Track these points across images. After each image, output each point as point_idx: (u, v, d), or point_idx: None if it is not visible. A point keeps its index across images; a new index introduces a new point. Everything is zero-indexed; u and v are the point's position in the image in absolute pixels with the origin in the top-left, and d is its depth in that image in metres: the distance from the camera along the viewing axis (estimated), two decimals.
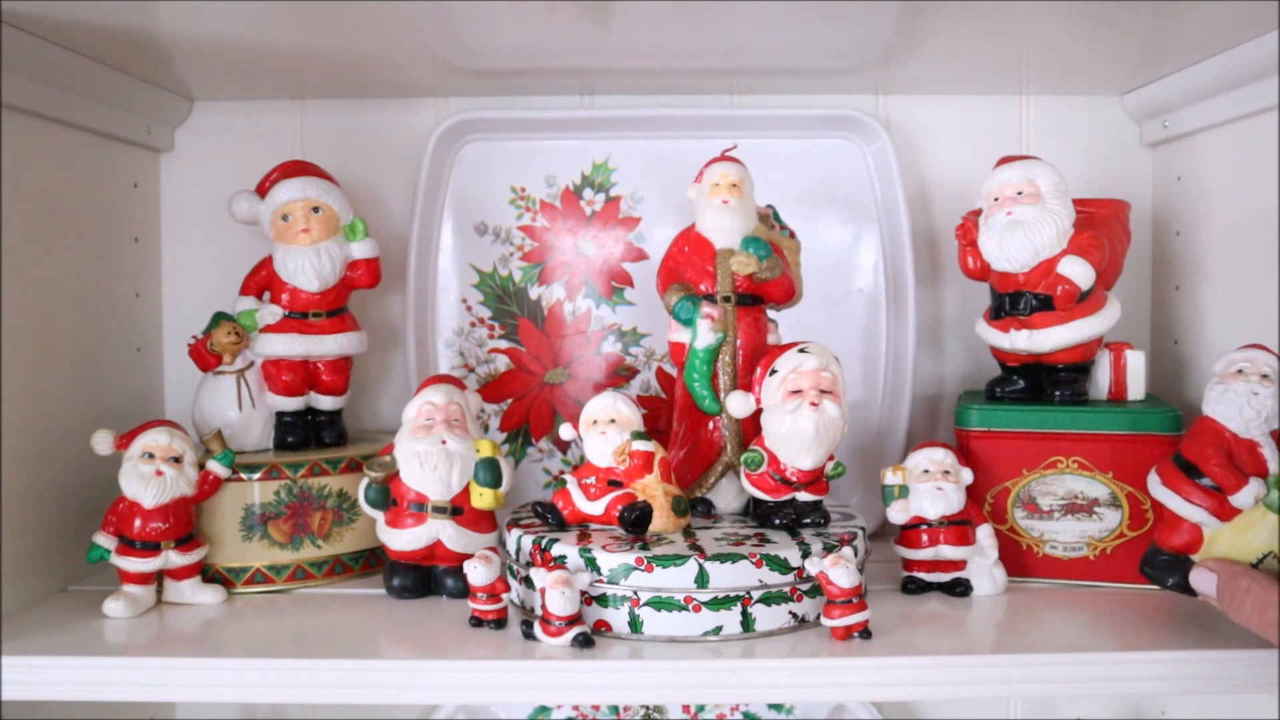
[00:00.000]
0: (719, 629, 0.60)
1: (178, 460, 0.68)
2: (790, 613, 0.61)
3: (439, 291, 0.89)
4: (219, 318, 0.76)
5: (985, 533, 0.69)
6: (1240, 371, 0.60)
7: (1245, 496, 0.58)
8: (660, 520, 0.65)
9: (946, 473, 0.68)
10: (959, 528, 0.68)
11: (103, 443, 0.67)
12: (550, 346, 0.89)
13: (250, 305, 0.77)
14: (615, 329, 0.89)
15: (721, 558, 0.60)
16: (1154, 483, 0.61)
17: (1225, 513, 0.59)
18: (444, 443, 0.67)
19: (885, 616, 0.63)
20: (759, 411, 0.68)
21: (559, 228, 0.89)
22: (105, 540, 0.67)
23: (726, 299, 0.72)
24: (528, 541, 0.64)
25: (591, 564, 0.61)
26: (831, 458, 0.68)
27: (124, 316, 0.84)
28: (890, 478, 0.69)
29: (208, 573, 0.71)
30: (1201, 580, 0.57)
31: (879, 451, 0.87)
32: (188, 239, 0.90)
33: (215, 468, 0.69)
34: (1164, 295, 0.88)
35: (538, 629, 0.59)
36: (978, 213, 0.75)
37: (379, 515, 0.69)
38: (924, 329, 0.89)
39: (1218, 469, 0.59)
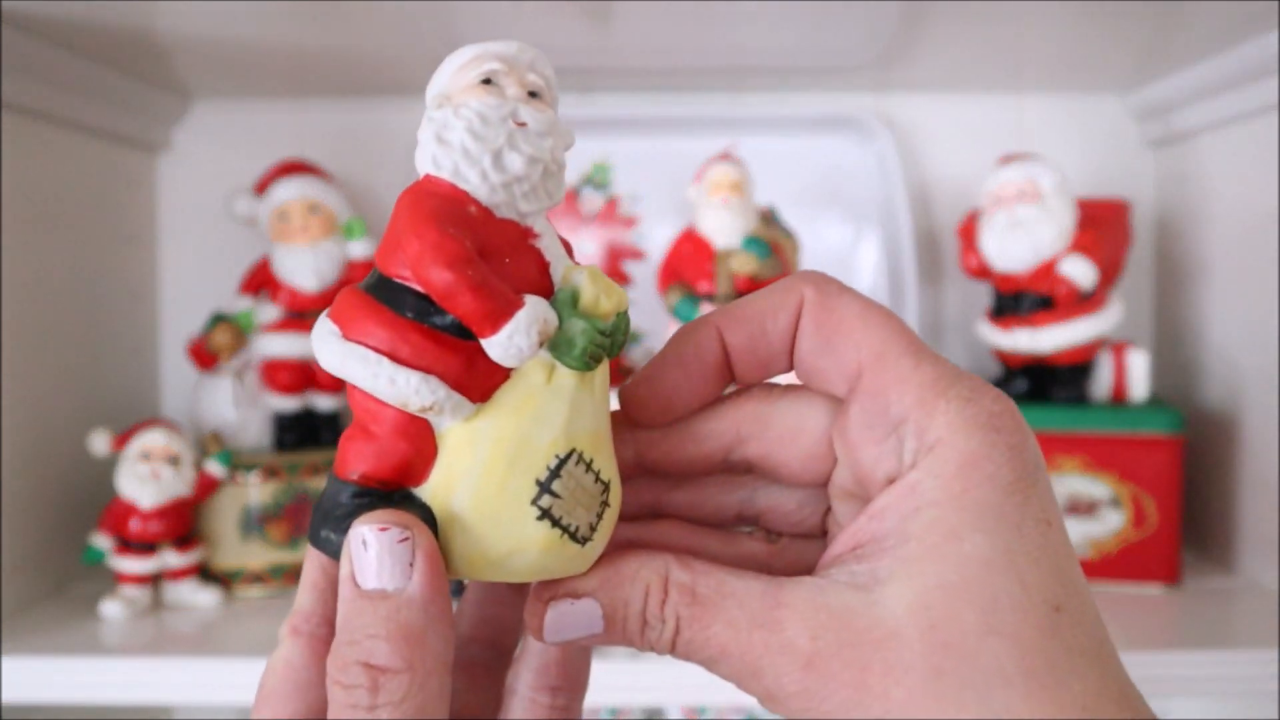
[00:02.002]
0: None
1: (175, 461, 0.67)
2: None
3: None
4: (217, 317, 0.76)
5: None
6: (488, 83, 0.27)
7: (516, 337, 0.25)
8: None
9: None
10: None
11: (100, 443, 0.67)
12: None
13: (248, 305, 0.77)
14: None
15: None
16: (322, 336, 0.27)
17: (478, 382, 0.26)
18: None
19: None
20: None
21: (559, 227, 0.89)
22: (102, 541, 0.67)
23: (727, 299, 0.72)
24: None
25: None
26: None
27: (121, 316, 0.83)
28: None
29: (205, 574, 0.70)
30: (568, 620, 0.27)
31: None
32: (185, 238, 0.89)
33: (213, 468, 0.69)
34: (1166, 295, 0.88)
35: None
36: (979, 212, 0.75)
37: None
38: (925, 329, 0.88)
39: (451, 276, 0.25)
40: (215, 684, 0.58)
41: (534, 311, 0.25)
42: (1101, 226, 0.73)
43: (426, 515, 0.26)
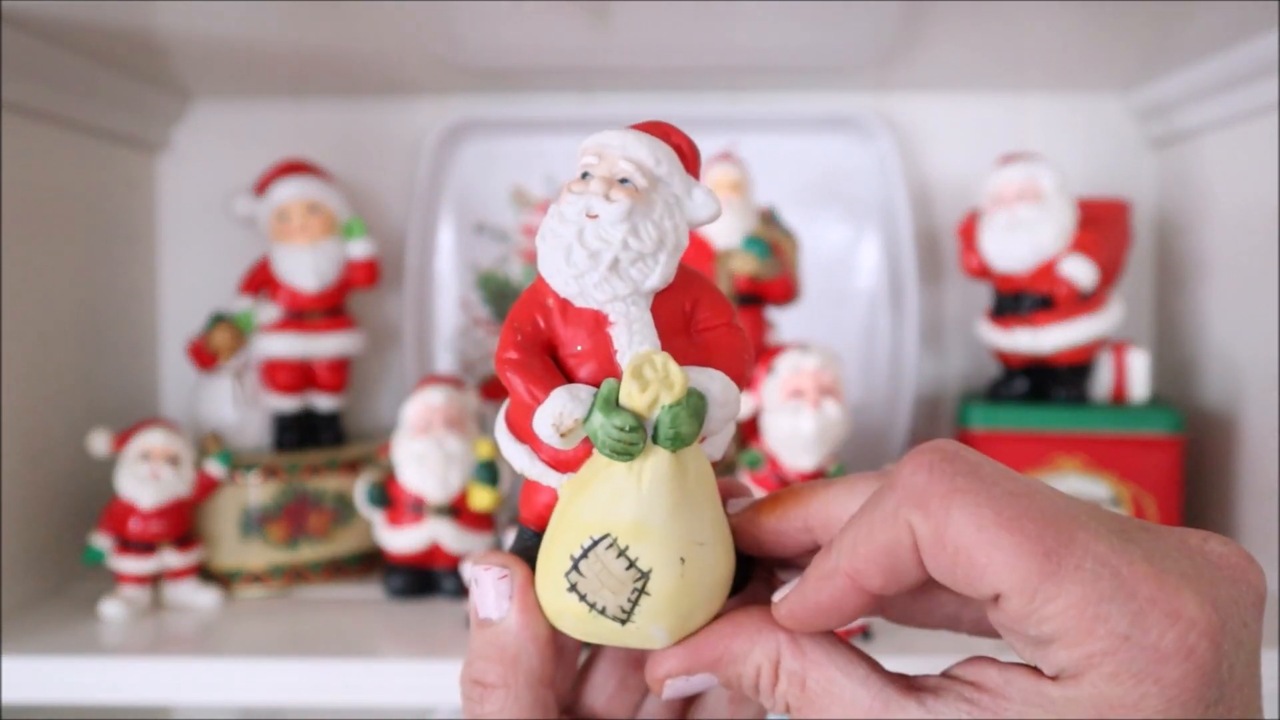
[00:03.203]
0: None
1: (175, 461, 0.67)
2: None
3: (438, 291, 0.89)
4: (217, 317, 0.76)
5: None
6: (584, 177, 0.31)
7: (540, 422, 0.28)
8: None
9: None
10: None
11: (99, 443, 0.67)
12: None
13: (248, 305, 0.77)
14: None
15: None
16: (499, 416, 0.32)
17: (570, 460, 0.30)
18: (442, 443, 0.67)
19: None
20: (759, 412, 0.68)
21: None
22: (102, 541, 0.67)
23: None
24: None
25: None
26: (833, 458, 0.67)
27: (121, 316, 0.83)
28: None
29: (205, 574, 0.70)
30: (680, 683, 0.30)
31: (879, 452, 0.87)
32: (185, 238, 0.89)
33: (213, 468, 0.69)
34: (1166, 295, 0.88)
35: None
36: (979, 212, 0.75)
37: (377, 516, 0.69)
38: (925, 329, 0.88)
39: (501, 364, 0.29)
40: (215, 684, 0.58)
41: (553, 406, 0.27)
42: (1102, 226, 0.73)
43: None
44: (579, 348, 0.28)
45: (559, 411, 0.27)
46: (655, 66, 0.80)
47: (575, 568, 0.28)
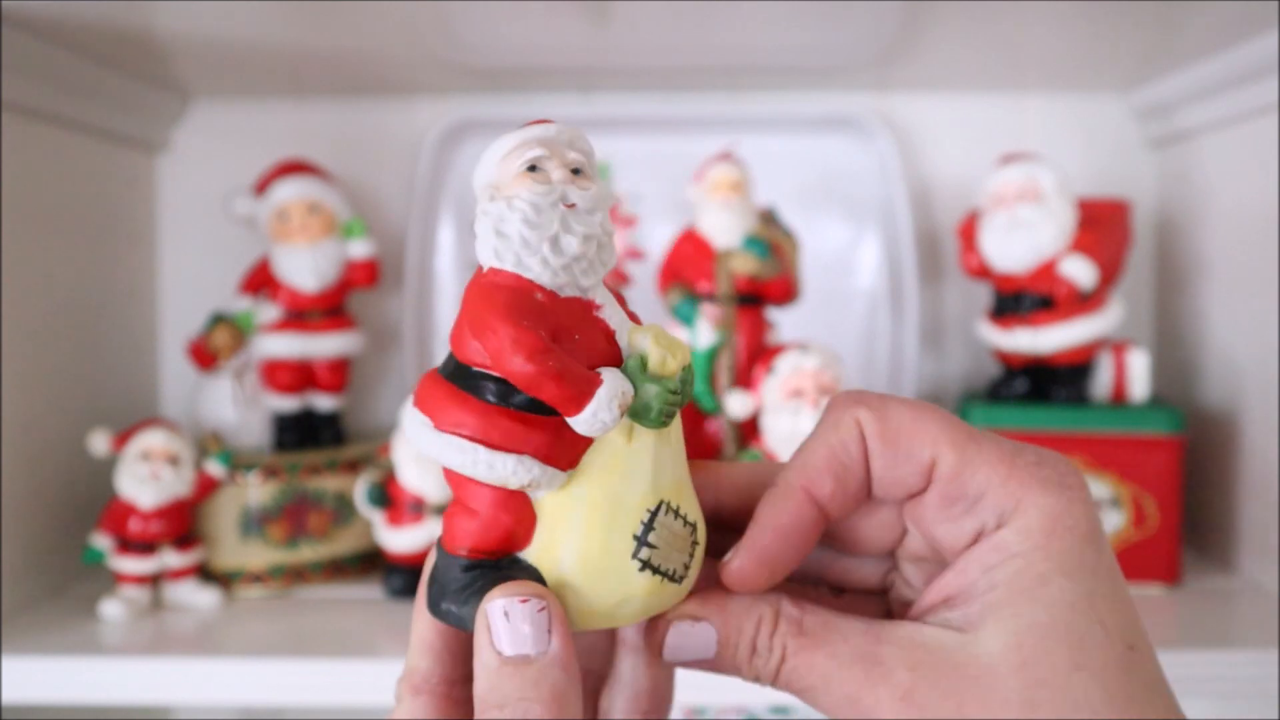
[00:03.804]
0: None
1: (175, 461, 0.67)
2: None
3: (438, 291, 0.89)
4: (217, 317, 0.76)
5: None
6: (534, 170, 0.28)
7: (601, 409, 0.27)
8: None
9: None
10: None
11: (99, 443, 0.67)
12: None
13: (248, 305, 0.76)
14: None
15: None
16: (416, 426, 0.29)
17: (565, 453, 0.28)
18: None
19: None
20: (759, 412, 0.68)
21: None
22: (102, 541, 0.67)
23: (727, 299, 0.72)
24: None
25: None
26: None
27: (121, 316, 0.83)
28: None
29: (205, 574, 0.70)
30: (685, 641, 0.30)
31: None
32: (185, 238, 0.89)
33: (213, 468, 0.69)
34: (1166, 295, 0.88)
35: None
36: (979, 212, 0.75)
37: (377, 516, 0.69)
38: (925, 329, 0.88)
39: (534, 367, 0.27)
40: (215, 684, 0.58)
41: (612, 387, 0.27)
42: (1102, 226, 0.73)
43: (535, 577, 0.28)
44: (577, 336, 0.28)
45: (621, 391, 0.27)
46: (655, 66, 0.80)
47: (645, 542, 0.28)
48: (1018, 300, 0.72)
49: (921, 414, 0.30)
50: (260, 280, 0.77)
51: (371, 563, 0.75)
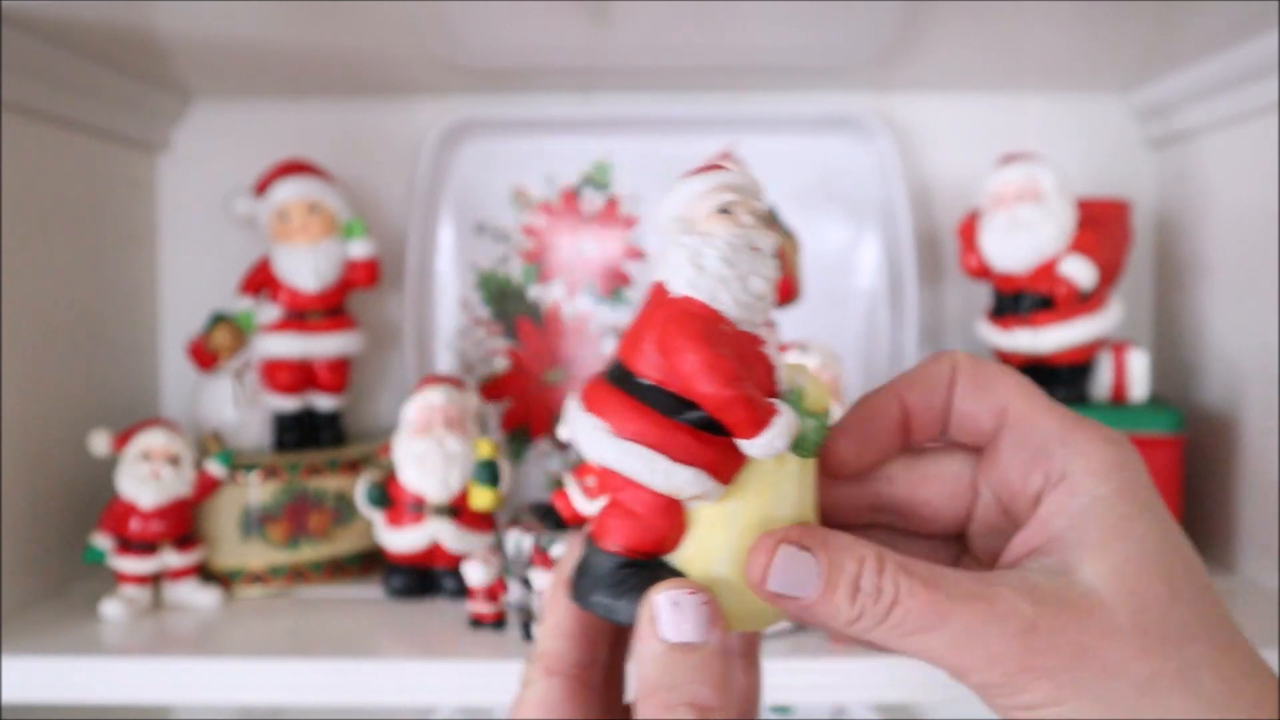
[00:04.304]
0: None
1: (175, 461, 0.67)
2: None
3: (438, 291, 0.89)
4: (217, 317, 0.76)
5: None
6: (725, 211, 0.31)
7: (777, 435, 0.30)
8: None
9: None
10: None
11: (100, 443, 0.67)
12: (550, 346, 0.89)
13: (248, 305, 0.77)
14: (615, 329, 0.89)
15: None
16: (590, 430, 0.31)
17: (728, 468, 0.30)
18: (442, 443, 0.67)
19: None
20: None
21: (559, 227, 0.89)
22: (102, 541, 0.67)
23: None
24: (527, 542, 0.64)
25: None
26: None
27: (121, 316, 0.83)
28: None
29: (205, 574, 0.70)
30: (792, 572, 0.29)
31: None
32: (185, 238, 0.89)
33: (213, 468, 0.69)
34: (1166, 295, 0.88)
35: (537, 629, 0.59)
36: (979, 212, 0.75)
37: (377, 516, 0.69)
38: (925, 329, 0.88)
39: (731, 392, 0.29)
40: (215, 684, 0.58)
41: (789, 418, 0.30)
42: (1102, 226, 0.73)
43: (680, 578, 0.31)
44: (750, 368, 0.30)
45: (794, 423, 0.30)
46: (655, 66, 0.80)
47: None
48: (1017, 300, 0.72)
49: (1003, 369, 0.33)
50: (260, 280, 0.77)
51: (372, 563, 0.75)
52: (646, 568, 0.30)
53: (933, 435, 0.34)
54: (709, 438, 0.30)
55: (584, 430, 0.31)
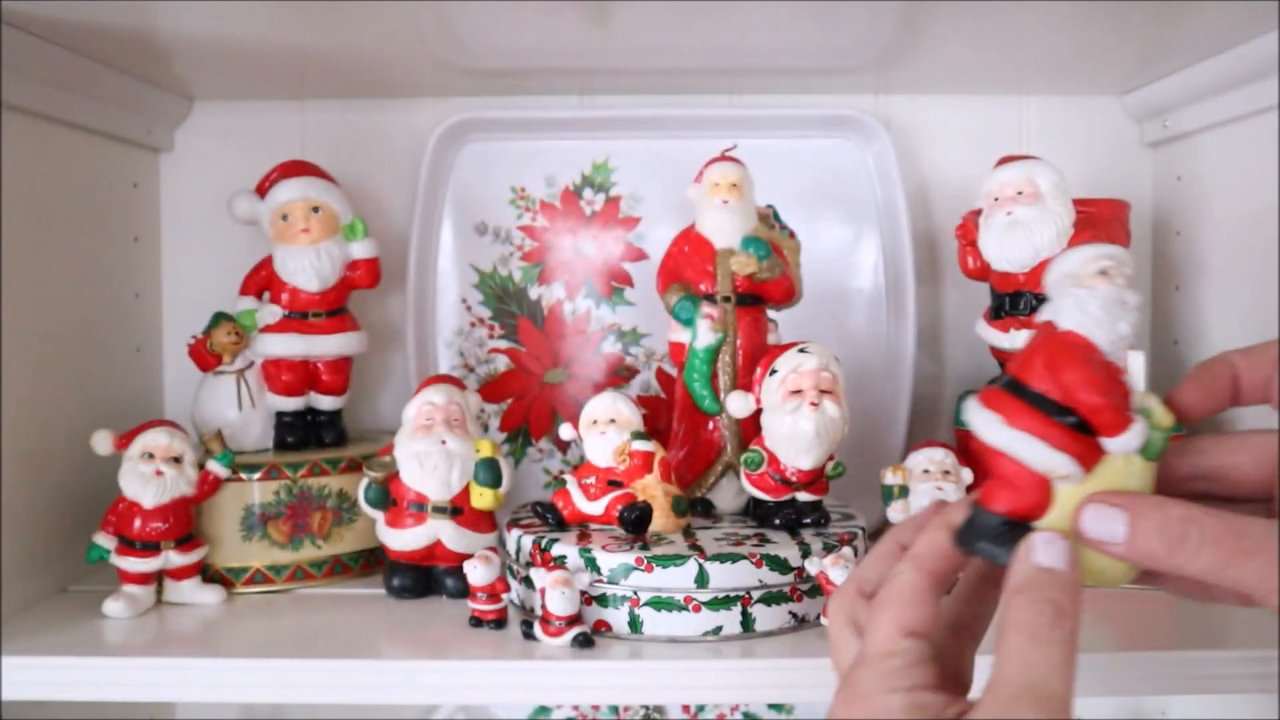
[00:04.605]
0: (719, 629, 0.60)
1: (178, 460, 0.68)
2: (790, 613, 0.61)
3: (439, 291, 0.89)
4: (219, 318, 0.76)
5: None
6: (1104, 273, 0.43)
7: (1132, 438, 0.41)
8: (660, 520, 0.65)
9: (947, 473, 0.68)
10: None
11: (102, 443, 0.67)
12: (550, 346, 0.89)
13: (250, 305, 0.77)
14: (615, 329, 0.89)
15: (721, 558, 0.60)
16: (991, 424, 0.42)
17: (1091, 461, 0.41)
18: (444, 443, 0.67)
19: None
20: (759, 411, 0.68)
21: (559, 228, 0.89)
22: (105, 540, 0.67)
23: (726, 299, 0.72)
24: (528, 541, 0.64)
25: (591, 564, 0.61)
26: (832, 458, 0.68)
27: (124, 316, 0.84)
28: (890, 478, 0.69)
29: (207, 573, 0.71)
30: (1099, 522, 0.39)
31: (879, 451, 0.87)
32: (188, 239, 0.90)
33: (215, 468, 0.69)
34: (1164, 295, 0.88)
35: (538, 629, 0.59)
36: (978, 212, 0.75)
37: (379, 515, 0.69)
38: (924, 329, 0.89)
39: (1102, 400, 0.40)
40: (217, 683, 0.58)
41: (1144, 426, 0.40)
42: (1100, 226, 0.73)
43: None
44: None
45: (1145, 430, 0.40)
46: (655, 68, 0.81)
47: None
48: (1016, 300, 0.72)
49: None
50: (262, 281, 0.77)
51: (373, 562, 0.75)
52: (1020, 527, 0.41)
53: (1256, 399, 0.41)
54: (1079, 435, 0.40)
55: (981, 421, 0.41)
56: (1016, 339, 0.72)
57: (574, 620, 0.59)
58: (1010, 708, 0.35)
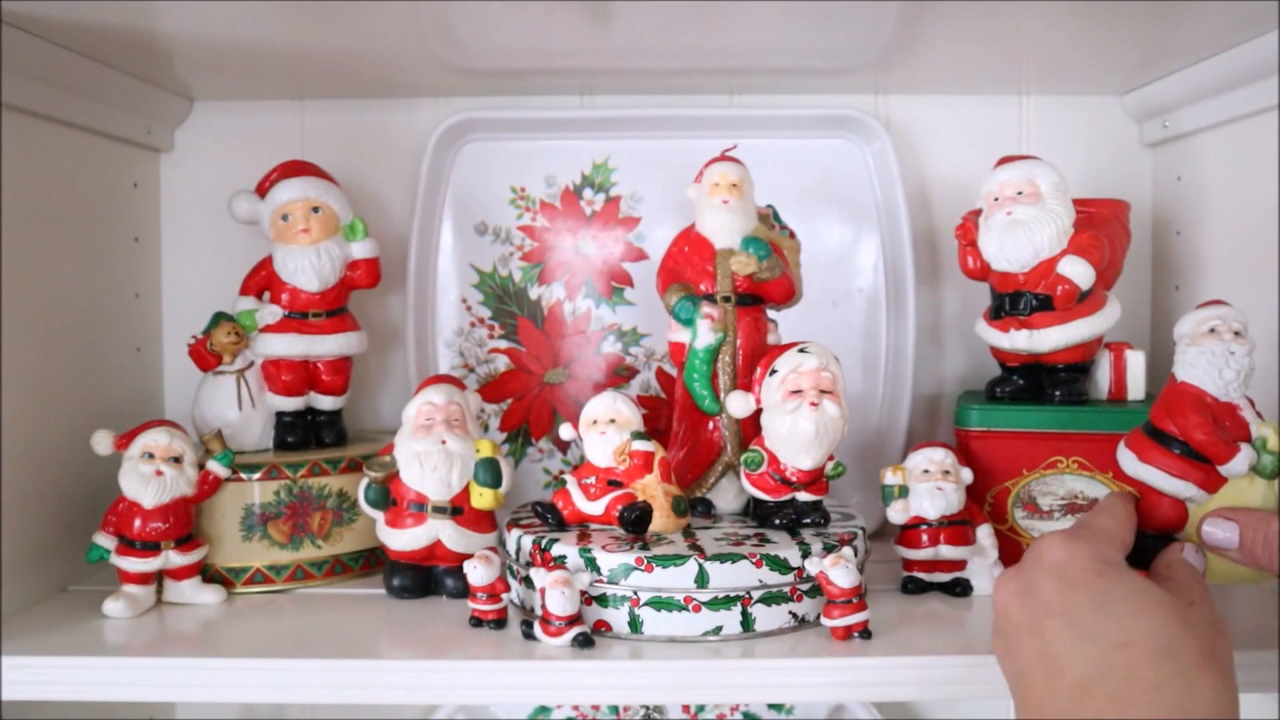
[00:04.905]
0: (719, 629, 0.60)
1: (178, 460, 0.68)
2: (790, 613, 0.61)
3: (439, 291, 0.89)
4: (219, 318, 0.76)
5: (985, 533, 0.69)
6: (1213, 330, 0.56)
7: (1239, 464, 0.55)
8: (660, 520, 0.65)
9: (946, 473, 0.68)
10: (959, 528, 0.68)
11: (102, 443, 0.67)
12: (550, 346, 0.89)
13: (250, 305, 0.77)
14: (615, 329, 0.89)
15: (721, 558, 0.60)
16: (1129, 459, 0.57)
17: (1213, 484, 0.56)
18: (444, 443, 0.67)
19: (885, 616, 0.63)
20: (759, 411, 0.68)
21: (559, 228, 0.89)
22: (105, 540, 0.67)
23: (726, 299, 0.72)
24: (528, 541, 0.64)
25: (591, 564, 0.61)
26: (831, 458, 0.68)
27: (124, 316, 0.84)
28: (890, 478, 0.69)
29: (208, 573, 0.71)
30: (1217, 532, 0.52)
31: (879, 451, 0.87)
32: (188, 239, 0.90)
33: (215, 468, 0.69)
34: (1164, 295, 0.88)
35: (538, 629, 0.59)
36: (977, 213, 0.75)
37: (379, 515, 0.69)
38: (924, 329, 0.89)
39: (1207, 437, 0.55)
40: (217, 683, 0.58)
41: (1247, 454, 0.55)
42: (1100, 227, 0.73)
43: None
44: (1227, 424, 0.56)
45: (1249, 458, 0.55)
46: (655, 68, 0.81)
47: None
48: (1016, 300, 0.72)
49: None
50: (262, 281, 0.77)
51: (373, 562, 0.75)
52: (1160, 539, 0.55)
53: None
54: (1197, 463, 0.55)
55: (1122, 458, 0.57)
56: (1016, 339, 0.72)
57: (574, 620, 0.59)
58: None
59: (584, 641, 0.59)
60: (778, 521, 0.68)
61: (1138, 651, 0.43)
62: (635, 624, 0.60)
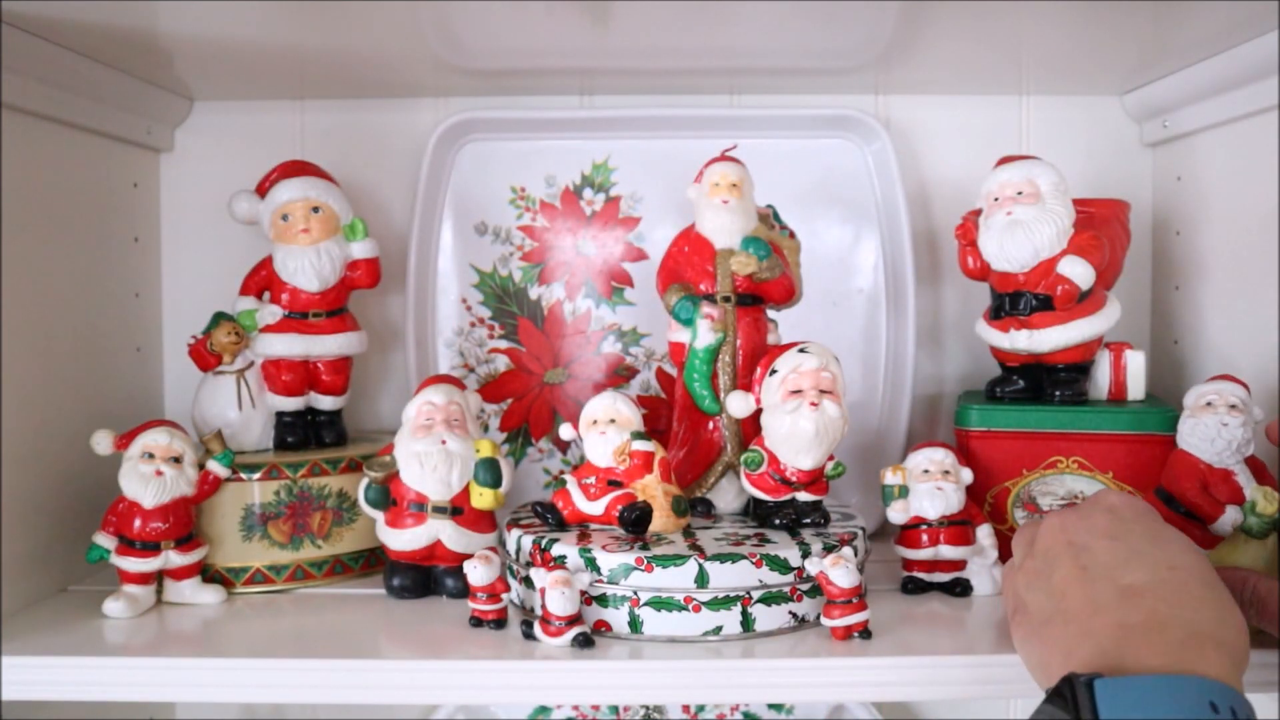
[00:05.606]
0: (719, 629, 0.60)
1: (178, 460, 0.68)
2: (790, 613, 0.61)
3: (439, 291, 0.89)
4: (219, 318, 0.76)
5: (985, 533, 0.69)
6: (1209, 404, 0.64)
7: (1224, 524, 0.64)
8: (660, 520, 0.65)
9: (946, 473, 0.68)
10: (959, 528, 0.68)
11: (102, 443, 0.67)
12: (550, 346, 0.89)
13: (250, 305, 0.77)
14: (615, 329, 0.89)
15: (721, 558, 0.60)
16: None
17: (1208, 541, 0.63)
18: (444, 443, 0.67)
19: (885, 616, 0.63)
20: (759, 411, 0.68)
21: (559, 228, 0.89)
22: (105, 540, 0.67)
23: (726, 299, 0.72)
24: (528, 541, 0.64)
25: (591, 564, 0.61)
26: (831, 458, 0.68)
27: (124, 316, 0.84)
28: (890, 478, 0.70)
29: (208, 573, 0.71)
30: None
31: (879, 451, 0.87)
32: (188, 239, 0.90)
33: (215, 468, 0.69)
34: (1164, 295, 0.88)
35: (538, 629, 0.59)
36: (977, 213, 0.75)
37: (379, 515, 0.69)
38: (924, 329, 0.89)
39: (1195, 500, 0.64)
40: (217, 683, 0.58)
41: (1231, 515, 0.63)
42: (1100, 227, 0.74)
43: None
44: (1221, 487, 0.64)
45: (1234, 520, 0.63)
46: (655, 68, 0.81)
47: None
48: (1016, 300, 0.73)
49: None
50: (262, 281, 0.77)
51: (373, 562, 0.75)
52: None
53: None
54: (1194, 523, 0.64)
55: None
56: (1016, 339, 0.72)
57: (574, 620, 0.59)
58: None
59: (584, 641, 0.59)
60: (778, 521, 0.68)
61: (1186, 574, 0.47)
62: (635, 624, 0.60)
